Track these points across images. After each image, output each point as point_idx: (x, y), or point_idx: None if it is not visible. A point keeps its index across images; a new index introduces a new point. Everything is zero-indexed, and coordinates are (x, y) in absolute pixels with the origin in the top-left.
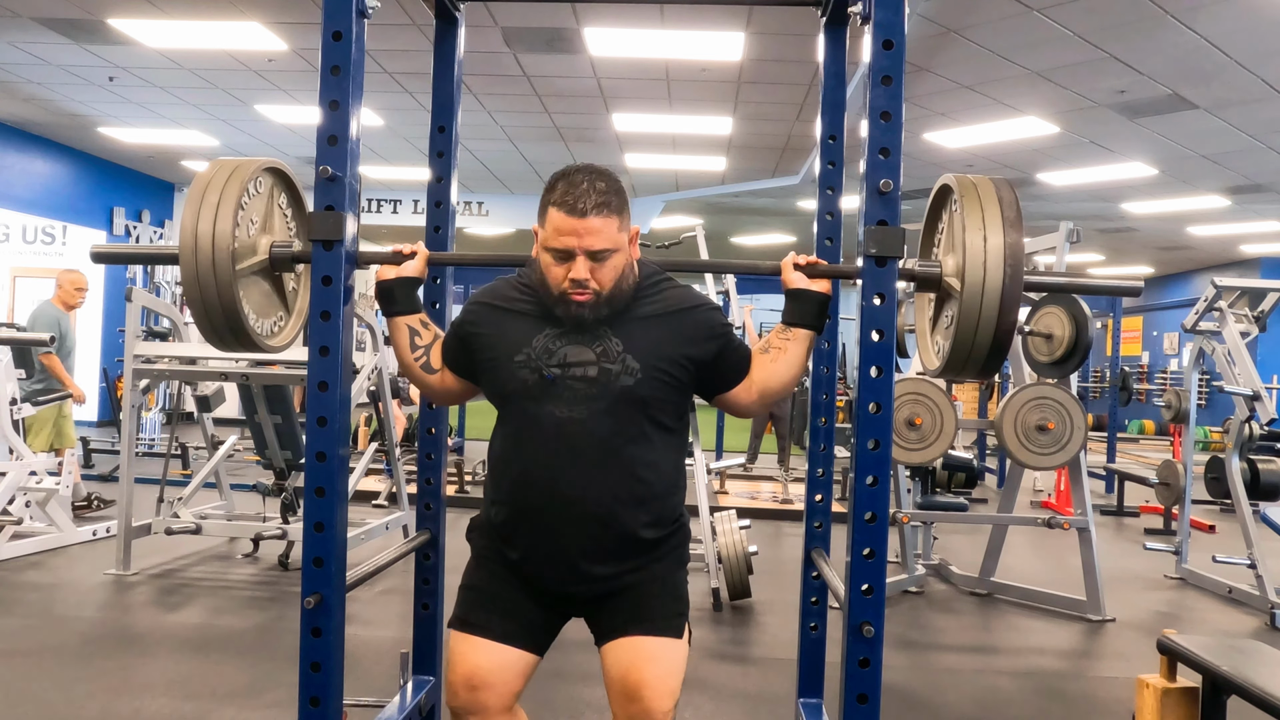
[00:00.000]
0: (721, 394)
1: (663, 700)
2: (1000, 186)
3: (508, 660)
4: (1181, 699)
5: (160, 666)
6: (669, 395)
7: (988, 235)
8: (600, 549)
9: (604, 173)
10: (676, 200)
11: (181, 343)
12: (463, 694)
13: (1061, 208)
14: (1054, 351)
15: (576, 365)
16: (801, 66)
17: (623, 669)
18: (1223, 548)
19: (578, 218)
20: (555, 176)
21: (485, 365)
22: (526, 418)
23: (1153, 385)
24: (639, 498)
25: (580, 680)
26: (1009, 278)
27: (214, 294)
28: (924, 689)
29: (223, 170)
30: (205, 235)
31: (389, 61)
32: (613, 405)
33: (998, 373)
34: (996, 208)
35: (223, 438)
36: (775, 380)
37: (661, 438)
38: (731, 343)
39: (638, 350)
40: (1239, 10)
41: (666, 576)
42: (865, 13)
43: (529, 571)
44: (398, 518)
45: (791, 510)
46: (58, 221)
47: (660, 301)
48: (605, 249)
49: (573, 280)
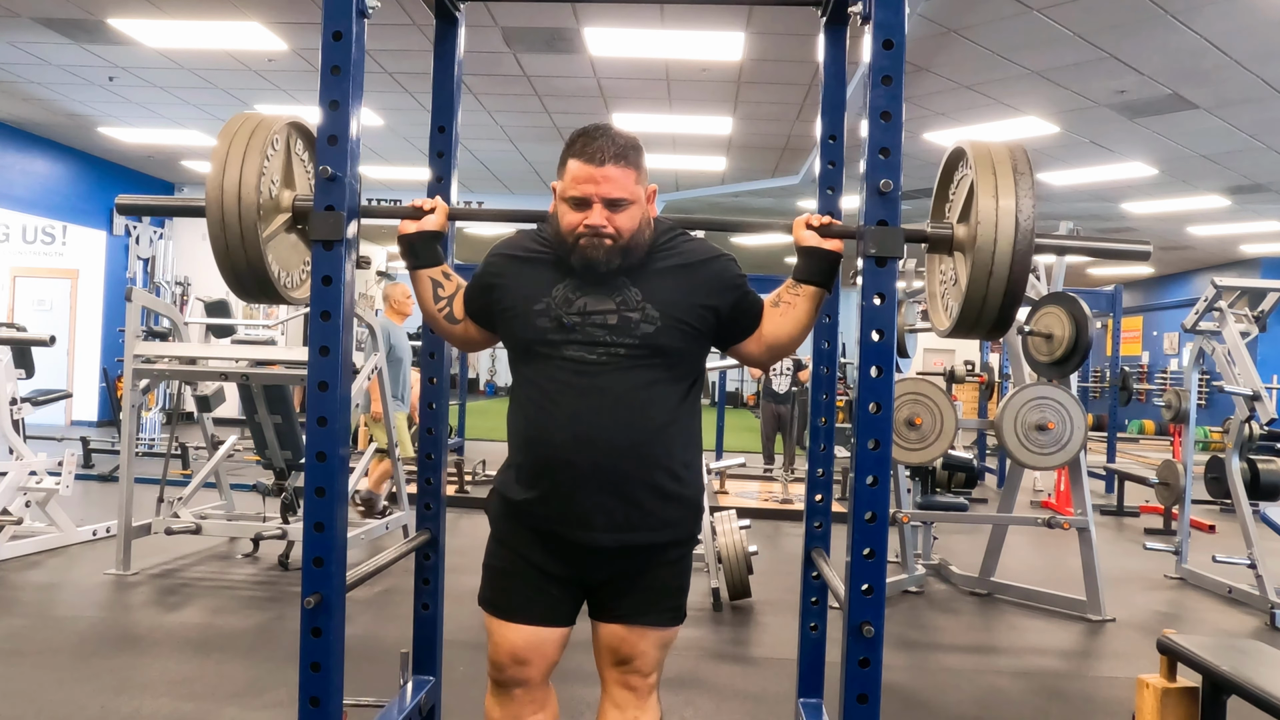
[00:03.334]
0: (735, 344)
1: (650, 665)
2: (1015, 151)
3: (541, 637)
4: (1181, 699)
5: (160, 666)
6: (687, 344)
7: (1000, 197)
8: (617, 494)
9: (622, 131)
10: (676, 200)
11: (181, 343)
12: (509, 669)
13: (1061, 208)
14: (1054, 351)
15: (596, 314)
16: (801, 66)
17: (616, 642)
18: (1223, 548)
19: (596, 165)
20: (575, 133)
21: (505, 314)
22: (545, 365)
23: (1153, 385)
24: (656, 444)
25: (580, 680)
26: (1020, 238)
27: (240, 248)
28: (924, 689)
29: (246, 125)
30: (231, 191)
31: (389, 61)
32: (632, 351)
33: (1006, 332)
34: (1010, 170)
35: (223, 438)
36: (783, 333)
37: (678, 389)
38: (748, 295)
39: (657, 300)
40: (1239, 10)
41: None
42: (865, 13)
43: (546, 525)
44: (398, 518)
45: (791, 510)
46: (58, 221)
47: (678, 254)
48: (621, 198)
49: (589, 225)
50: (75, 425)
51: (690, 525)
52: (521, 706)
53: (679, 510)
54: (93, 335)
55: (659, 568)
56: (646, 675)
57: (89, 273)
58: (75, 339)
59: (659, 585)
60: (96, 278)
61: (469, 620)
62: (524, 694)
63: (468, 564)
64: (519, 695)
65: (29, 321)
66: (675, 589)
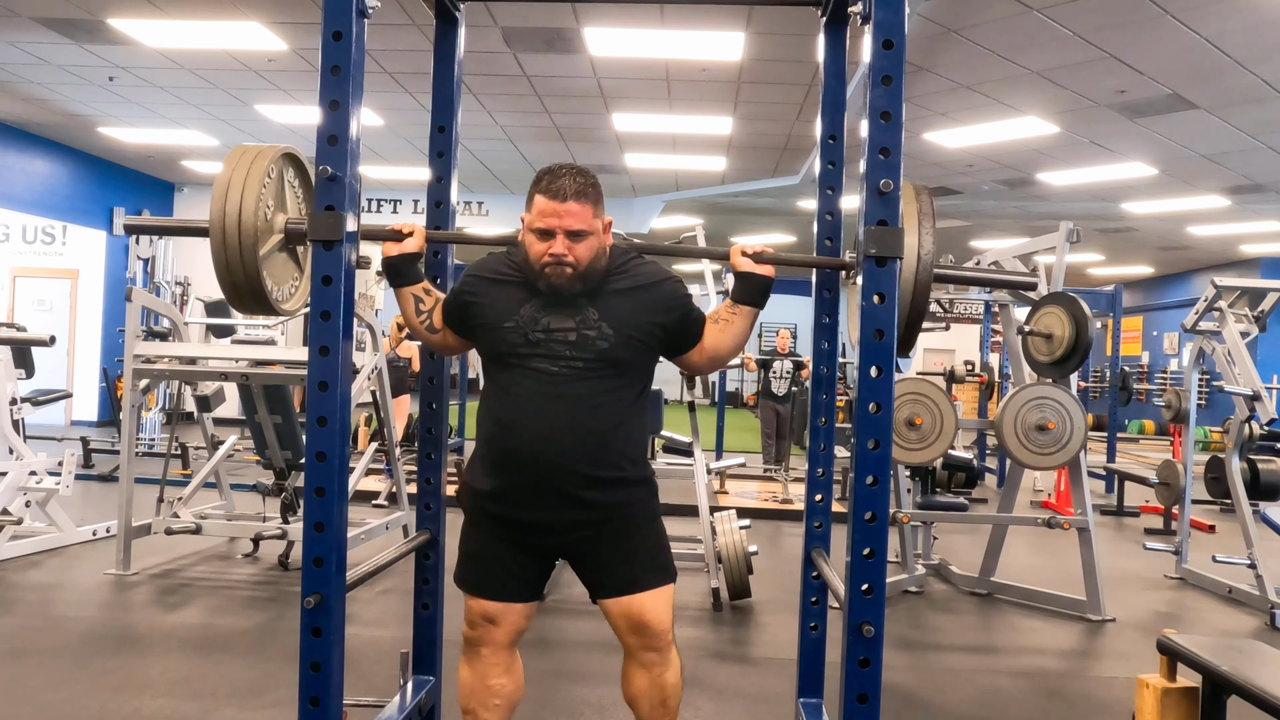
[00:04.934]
0: (680, 355)
1: (665, 623)
2: (920, 193)
3: (508, 609)
4: (1181, 699)
5: (160, 666)
6: (638, 356)
7: (905, 234)
8: (575, 482)
9: (583, 170)
10: (676, 200)
11: (181, 343)
12: (479, 626)
13: (1061, 208)
14: (1054, 351)
15: (558, 331)
16: (801, 66)
17: (623, 612)
18: (1223, 548)
19: (559, 201)
20: (541, 171)
21: (480, 328)
22: (513, 373)
23: (1153, 385)
24: (608, 442)
25: (580, 680)
26: (922, 269)
27: (239, 266)
28: (924, 689)
29: (246, 156)
30: (233, 216)
31: (389, 61)
32: (590, 364)
33: (910, 349)
34: (915, 211)
35: (223, 438)
36: (723, 347)
37: (629, 395)
38: (691, 312)
39: (612, 318)
40: (1239, 10)
41: (645, 528)
42: (865, 13)
43: (509, 511)
44: (398, 518)
45: (791, 510)
46: (58, 221)
47: (631, 277)
48: (581, 229)
49: (552, 254)
50: (75, 425)
51: (645, 499)
52: (488, 667)
53: (625, 492)
54: (93, 335)
55: (626, 535)
56: (661, 632)
57: (89, 273)
58: (75, 339)
59: (641, 550)
60: (96, 278)
61: None
62: (490, 654)
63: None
64: (486, 655)
65: (29, 321)
66: (656, 548)
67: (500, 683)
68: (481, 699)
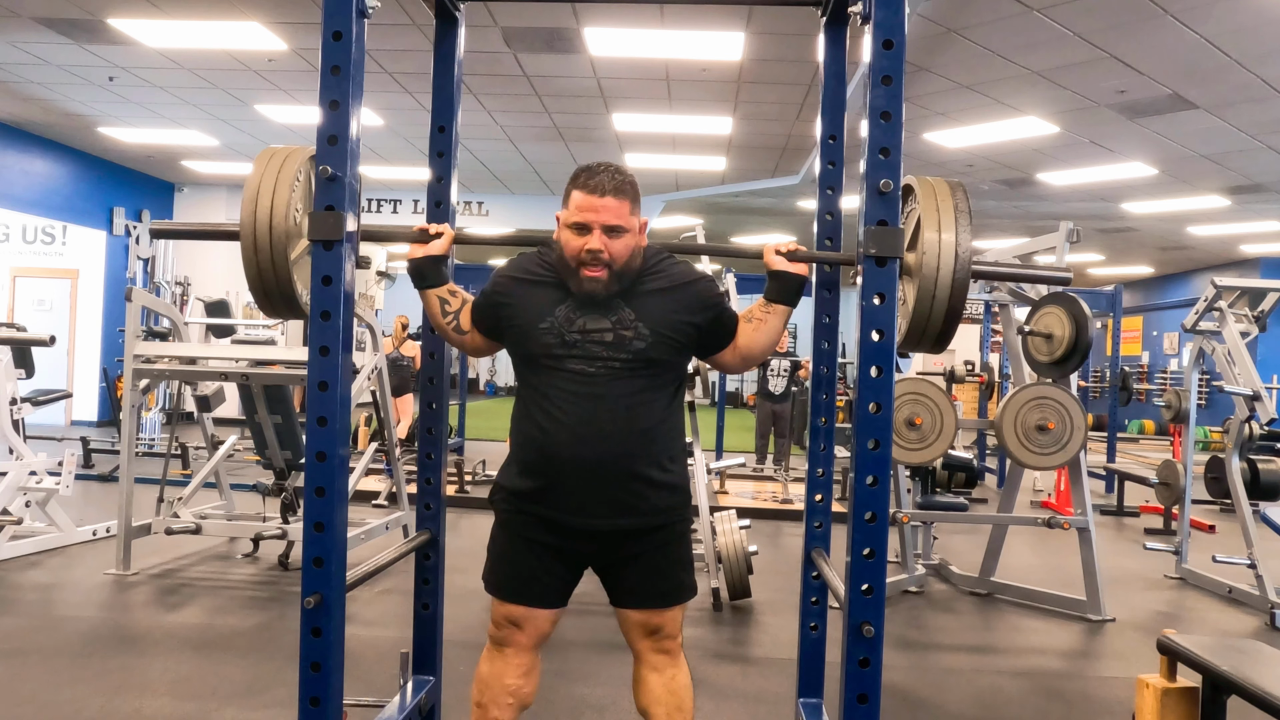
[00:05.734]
0: (714, 354)
1: (678, 627)
2: (955, 189)
3: (533, 613)
4: (1181, 699)
5: (160, 666)
6: (673, 356)
7: (942, 231)
8: (624, 481)
9: (621, 168)
10: (676, 200)
11: (181, 343)
12: (505, 628)
13: (1061, 208)
14: (1054, 351)
15: (594, 331)
16: (801, 66)
17: (643, 620)
18: (1223, 548)
19: (597, 196)
20: (579, 169)
21: (513, 330)
22: (550, 375)
23: (1153, 385)
24: (654, 439)
25: (580, 680)
26: (959, 267)
27: (270, 270)
28: (924, 689)
29: (275, 159)
30: (264, 219)
31: (389, 61)
32: (627, 364)
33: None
34: (951, 207)
35: (223, 438)
36: (756, 346)
37: (666, 394)
38: (725, 312)
39: (648, 318)
40: (1239, 10)
41: (680, 544)
42: (865, 13)
43: (553, 513)
44: (398, 518)
45: (791, 510)
46: (58, 221)
47: (665, 277)
48: (618, 224)
49: (589, 250)
50: (75, 425)
51: (681, 507)
52: (510, 667)
53: (669, 496)
54: (93, 335)
55: (663, 547)
56: (675, 637)
57: (89, 273)
58: (75, 339)
59: (675, 567)
60: (96, 278)
61: (469, 620)
62: (514, 654)
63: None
64: (509, 655)
65: (29, 321)
66: (686, 564)
67: (517, 684)
68: (495, 696)
